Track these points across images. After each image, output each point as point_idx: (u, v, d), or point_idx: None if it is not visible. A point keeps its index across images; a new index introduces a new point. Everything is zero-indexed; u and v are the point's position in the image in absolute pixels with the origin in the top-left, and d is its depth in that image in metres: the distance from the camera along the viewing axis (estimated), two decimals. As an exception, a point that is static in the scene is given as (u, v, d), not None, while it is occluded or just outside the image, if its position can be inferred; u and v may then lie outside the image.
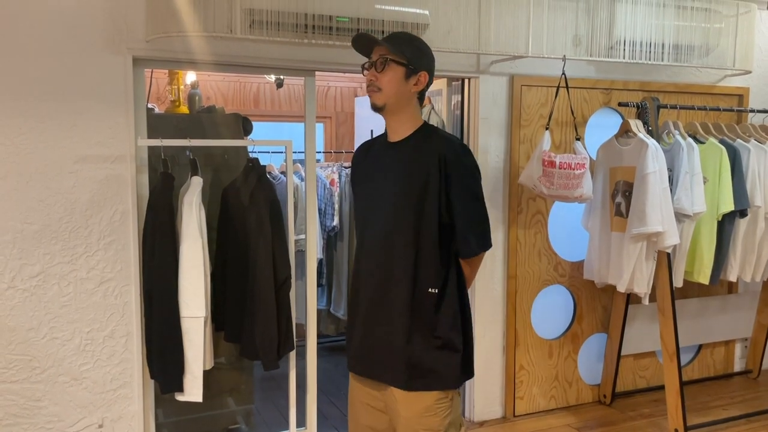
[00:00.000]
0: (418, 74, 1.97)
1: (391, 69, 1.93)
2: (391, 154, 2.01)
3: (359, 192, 2.12)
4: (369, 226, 2.01)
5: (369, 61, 2.00)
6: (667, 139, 3.48)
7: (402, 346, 1.93)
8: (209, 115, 3.31)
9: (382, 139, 2.09)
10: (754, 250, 3.59)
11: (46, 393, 2.71)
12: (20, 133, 2.59)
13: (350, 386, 2.15)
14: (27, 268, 2.64)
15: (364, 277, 2.01)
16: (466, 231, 1.96)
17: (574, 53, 3.50)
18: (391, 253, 1.94)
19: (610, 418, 3.70)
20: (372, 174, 2.05)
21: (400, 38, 2.02)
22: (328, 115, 5.40)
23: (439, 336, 1.94)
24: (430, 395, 1.94)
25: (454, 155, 1.94)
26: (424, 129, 2.02)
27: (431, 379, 1.94)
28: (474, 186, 1.98)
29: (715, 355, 4.27)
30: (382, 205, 1.97)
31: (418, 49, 1.99)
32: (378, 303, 1.97)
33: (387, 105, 1.96)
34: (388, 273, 1.94)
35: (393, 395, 1.98)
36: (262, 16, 2.67)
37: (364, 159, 2.12)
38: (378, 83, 1.94)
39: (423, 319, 1.93)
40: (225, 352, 3.23)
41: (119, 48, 2.69)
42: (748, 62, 3.86)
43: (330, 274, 4.79)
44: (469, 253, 1.99)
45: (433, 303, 1.94)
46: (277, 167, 4.29)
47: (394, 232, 1.94)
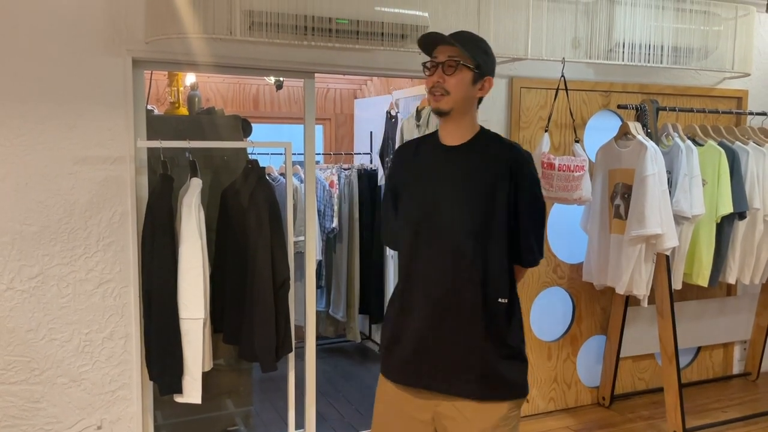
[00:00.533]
0: (484, 79, 1.90)
1: (460, 72, 1.85)
2: (450, 159, 1.93)
3: (408, 197, 1.99)
4: (426, 232, 1.91)
5: (433, 61, 1.90)
6: (666, 141, 3.49)
7: (475, 357, 1.87)
8: (209, 116, 3.32)
9: (433, 141, 1.99)
10: (753, 253, 3.60)
11: (45, 394, 2.71)
12: (19, 134, 2.59)
13: (387, 397, 2.02)
14: (26, 269, 2.64)
15: (421, 285, 1.91)
16: (531, 239, 1.92)
17: (574, 55, 3.51)
18: (457, 261, 1.86)
19: (609, 420, 3.70)
20: (424, 178, 1.95)
21: (469, 39, 1.90)
22: (327, 116, 5.40)
23: (511, 345, 1.90)
24: (504, 405, 1.89)
25: (524, 162, 1.89)
26: (485, 134, 1.95)
27: (505, 389, 1.89)
28: (540, 194, 1.95)
29: (714, 357, 4.27)
30: (445, 211, 1.89)
31: (486, 52, 1.91)
32: (442, 313, 1.88)
33: (453, 110, 1.87)
34: (455, 282, 1.86)
35: (458, 408, 1.89)
36: (262, 17, 2.67)
37: (412, 160, 2.01)
38: (446, 86, 1.85)
39: (495, 330, 1.87)
40: (224, 354, 3.23)
41: (119, 49, 2.69)
42: (746, 65, 3.87)
43: (329, 276, 4.79)
44: (533, 262, 1.95)
45: (503, 313, 1.88)
46: (277, 169, 4.29)
47: (464, 240, 1.86)
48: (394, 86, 4.68)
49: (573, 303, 3.81)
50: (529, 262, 1.95)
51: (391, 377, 1.99)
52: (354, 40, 2.86)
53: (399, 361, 1.96)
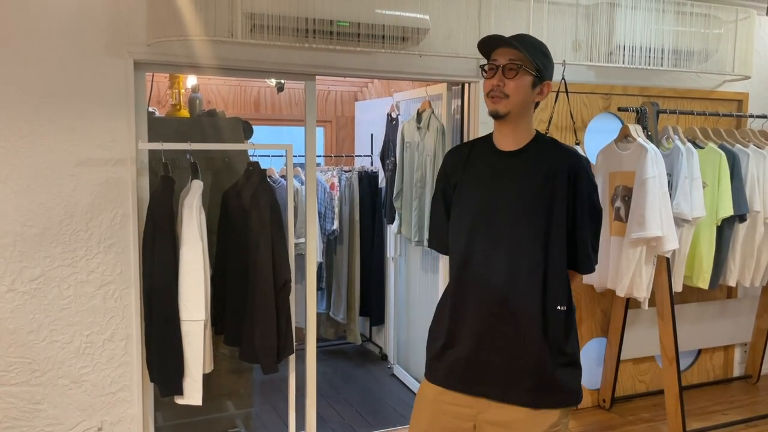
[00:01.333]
0: (543, 83, 1.88)
1: (521, 76, 1.82)
2: (506, 164, 1.91)
3: (462, 200, 1.96)
4: (483, 238, 1.88)
5: (493, 63, 1.86)
6: (666, 144, 3.49)
7: (532, 365, 1.84)
8: (210, 118, 3.32)
9: (486, 145, 1.97)
10: (753, 255, 3.60)
11: (46, 396, 2.71)
12: (21, 136, 2.59)
13: (430, 398, 1.98)
14: (27, 270, 2.64)
15: (477, 290, 1.88)
16: (588, 246, 1.90)
17: (574, 58, 3.51)
18: (514, 269, 1.84)
19: (609, 422, 3.70)
20: (480, 182, 1.93)
21: (530, 43, 1.88)
22: (328, 119, 5.41)
23: (568, 353, 1.88)
24: (556, 412, 1.86)
25: (582, 169, 1.88)
26: (541, 139, 1.93)
27: (558, 396, 1.87)
28: (597, 200, 1.93)
29: (715, 359, 4.27)
30: (503, 216, 1.87)
31: (546, 56, 1.89)
32: (499, 319, 1.85)
33: (511, 113, 1.85)
34: (513, 288, 1.84)
35: (507, 414, 1.86)
36: (263, 20, 2.67)
37: (465, 164, 1.98)
38: (505, 89, 1.82)
39: (553, 337, 1.85)
40: (225, 356, 3.23)
41: (120, 52, 2.70)
42: (747, 67, 3.87)
43: (330, 278, 4.79)
44: (590, 269, 1.92)
45: (562, 320, 1.87)
46: (278, 171, 4.29)
47: (521, 246, 1.84)
48: (394, 88, 4.69)
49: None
50: (585, 268, 1.93)
51: (440, 381, 1.96)
52: (355, 42, 2.87)
53: (451, 364, 1.93)
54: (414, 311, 4.29)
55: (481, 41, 1.89)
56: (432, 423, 1.96)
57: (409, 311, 4.37)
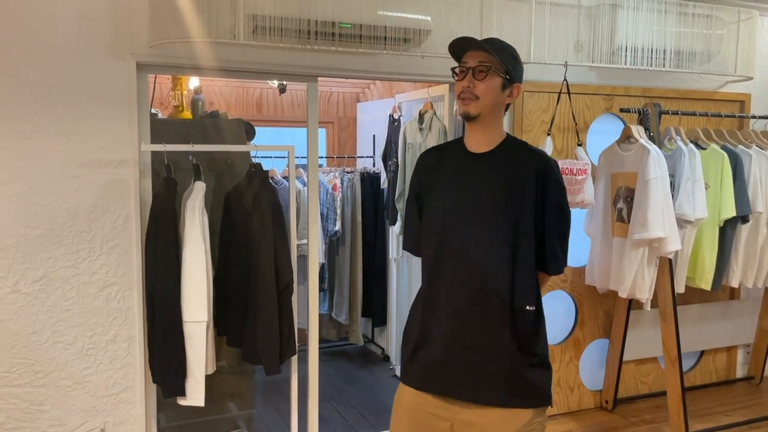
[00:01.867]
0: (513, 86, 1.91)
1: (491, 78, 1.85)
2: (477, 166, 1.93)
3: (434, 202, 1.98)
4: (453, 239, 1.90)
5: (463, 65, 1.89)
6: (668, 144, 3.49)
7: (502, 365, 1.86)
8: (212, 120, 3.33)
9: (458, 148, 1.99)
10: (756, 256, 3.60)
11: (49, 397, 2.72)
12: (24, 137, 2.60)
13: (405, 405, 2.00)
14: (30, 272, 2.65)
15: (447, 291, 1.90)
16: (557, 248, 1.92)
17: (576, 59, 3.51)
18: (485, 268, 1.86)
19: (612, 424, 3.69)
20: (451, 184, 1.95)
21: (499, 46, 1.90)
22: (330, 120, 5.42)
23: (537, 353, 1.90)
24: (528, 412, 1.89)
25: (550, 171, 1.90)
26: (511, 141, 1.95)
27: (530, 396, 1.89)
28: (566, 203, 1.95)
29: (717, 361, 4.27)
30: (472, 218, 1.89)
31: (515, 59, 1.92)
32: (469, 321, 1.87)
33: (481, 115, 1.88)
34: (483, 289, 1.86)
35: (481, 415, 1.88)
36: (266, 21, 2.68)
37: (436, 167, 2.00)
38: (476, 91, 1.85)
39: (523, 338, 1.87)
40: (227, 357, 3.24)
41: (123, 53, 2.70)
42: (749, 68, 3.87)
43: (332, 279, 4.79)
44: (558, 270, 1.94)
45: (531, 321, 1.89)
46: (280, 172, 4.30)
47: (490, 249, 1.86)
48: (396, 90, 4.69)
49: (576, 306, 3.81)
50: (554, 269, 1.94)
51: (413, 384, 1.97)
52: (357, 44, 2.87)
53: (423, 367, 1.95)
54: (416, 312, 4.28)
55: (451, 44, 1.91)
56: (410, 426, 1.98)
57: (411, 312, 4.36)
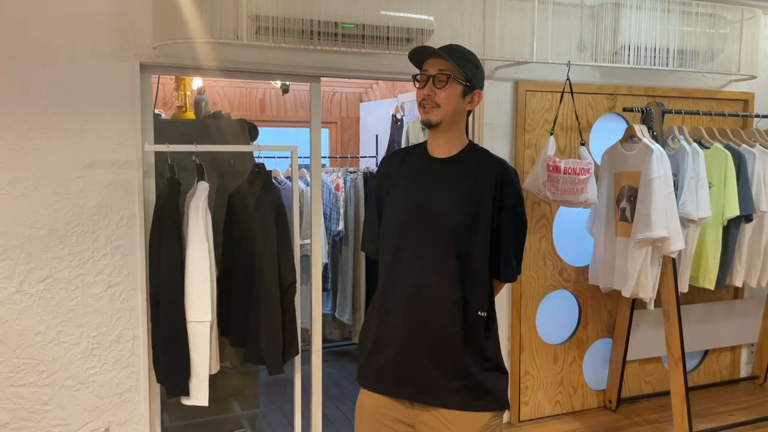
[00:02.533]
0: (473, 92, 1.92)
1: (451, 86, 1.86)
2: (437, 171, 1.94)
3: (392, 204, 1.98)
4: (409, 242, 1.91)
5: (424, 73, 1.90)
6: (672, 144, 3.48)
7: (456, 368, 1.87)
8: (215, 120, 3.34)
9: (420, 152, 2.00)
10: (760, 255, 3.59)
11: (53, 397, 2.73)
12: (28, 138, 2.61)
13: (369, 407, 2.00)
14: (35, 272, 2.66)
15: (401, 295, 1.91)
16: (511, 255, 1.93)
17: (579, 59, 3.51)
18: (439, 273, 1.87)
19: (615, 423, 3.69)
20: (411, 187, 1.96)
21: (459, 53, 1.91)
22: (333, 120, 5.42)
23: (490, 358, 1.92)
24: (485, 415, 1.90)
25: (509, 179, 1.91)
26: (472, 148, 1.97)
27: (486, 399, 1.90)
28: (523, 211, 1.95)
29: (721, 360, 4.26)
30: (429, 222, 1.89)
31: (476, 66, 1.92)
32: (422, 324, 1.88)
33: (442, 122, 1.89)
34: (435, 293, 1.87)
35: (440, 417, 1.89)
36: (268, 22, 2.69)
37: (398, 169, 2.01)
38: (436, 99, 1.87)
39: (474, 342, 1.89)
40: (230, 357, 3.24)
41: (126, 54, 2.71)
42: (753, 67, 3.86)
43: (335, 279, 4.79)
44: (511, 278, 1.96)
45: (482, 326, 1.90)
46: (283, 172, 4.30)
47: (444, 253, 1.87)
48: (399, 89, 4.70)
49: (579, 306, 3.81)
50: (507, 277, 1.96)
51: (370, 385, 1.99)
52: (360, 44, 2.88)
53: (378, 369, 1.96)
54: (419, 312, 4.29)
55: (410, 52, 1.92)
56: (374, 430, 1.99)
57: (414, 312, 4.37)
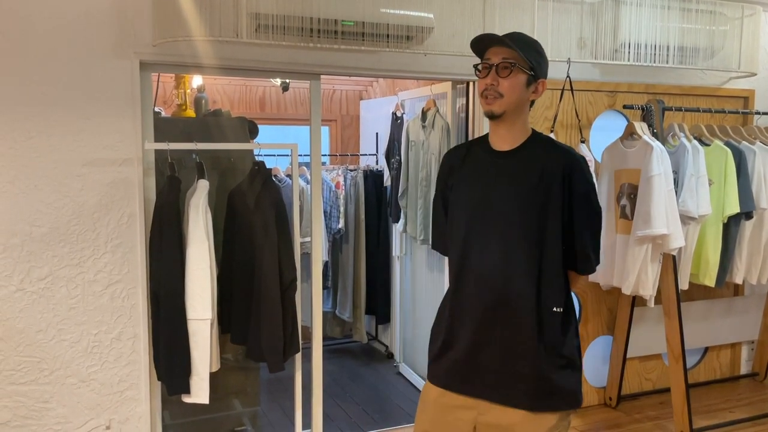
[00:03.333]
0: (538, 82, 1.86)
1: (515, 75, 1.81)
2: (502, 164, 1.88)
3: (458, 201, 1.95)
4: (478, 237, 1.87)
5: (486, 62, 1.84)
6: (672, 141, 3.48)
7: (529, 367, 1.83)
8: (215, 118, 3.33)
9: (483, 146, 1.95)
10: (760, 252, 3.59)
11: (54, 395, 2.73)
12: (28, 137, 2.61)
13: (434, 396, 1.97)
14: (35, 270, 2.66)
15: (472, 292, 1.87)
16: (587, 247, 1.86)
17: (579, 56, 3.50)
18: (512, 268, 1.82)
19: (615, 420, 3.69)
20: (476, 183, 1.91)
21: (524, 41, 1.85)
22: (333, 118, 5.42)
23: (565, 356, 1.86)
24: (554, 416, 1.86)
25: (579, 168, 1.84)
26: (537, 138, 1.91)
27: (556, 399, 1.85)
28: (596, 200, 1.89)
29: (722, 357, 4.26)
30: (498, 217, 1.85)
31: (540, 54, 1.87)
32: (495, 320, 1.84)
33: (506, 113, 1.83)
34: (508, 289, 1.82)
35: (506, 417, 1.86)
36: (268, 20, 2.68)
37: (461, 165, 1.97)
38: (500, 89, 1.81)
39: (549, 339, 1.83)
40: (231, 354, 3.25)
41: (126, 52, 2.71)
42: (753, 64, 3.86)
43: (335, 277, 4.80)
44: (589, 270, 1.90)
45: (558, 323, 1.84)
46: (283, 170, 4.31)
47: (516, 248, 1.82)
48: (399, 87, 4.69)
49: (579, 303, 3.81)
50: (584, 269, 1.90)
51: (440, 383, 1.95)
52: (359, 41, 2.88)
53: (448, 367, 1.93)
54: (420, 310, 4.30)
55: (473, 40, 1.87)
56: (434, 423, 1.97)
57: (414, 310, 4.38)
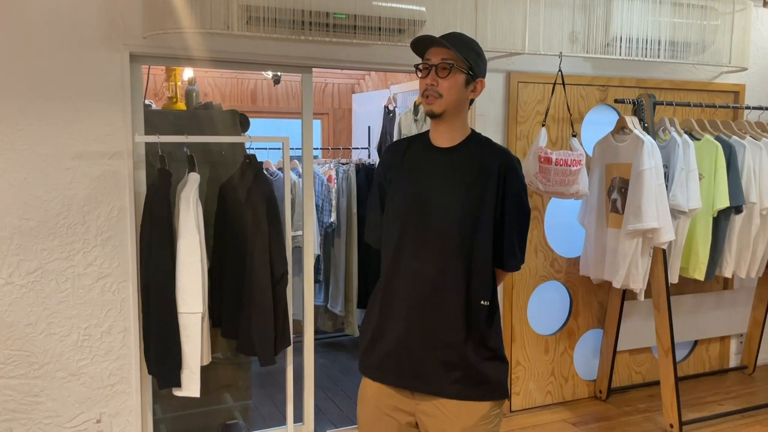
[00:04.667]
0: (476, 81, 1.90)
1: (454, 75, 1.85)
2: (439, 160, 1.93)
3: (395, 194, 1.98)
4: (412, 231, 1.90)
5: (426, 63, 1.89)
6: (663, 135, 3.50)
7: (457, 358, 1.87)
8: (206, 111, 3.32)
9: (423, 141, 1.99)
10: (749, 246, 3.61)
11: (44, 389, 2.72)
12: (17, 129, 2.59)
13: (370, 395, 2.00)
14: (25, 264, 2.65)
15: (404, 284, 1.90)
16: (514, 245, 1.92)
17: (571, 50, 3.51)
18: (442, 262, 1.87)
19: (605, 413, 3.72)
20: (414, 177, 1.95)
21: (462, 42, 1.89)
22: (325, 111, 5.41)
23: (491, 347, 1.91)
24: (485, 405, 1.89)
25: (512, 168, 1.89)
26: (475, 137, 1.95)
27: (486, 389, 1.90)
28: (526, 200, 1.95)
29: (711, 350, 4.29)
30: (432, 211, 1.89)
31: (478, 54, 1.91)
32: (425, 313, 1.88)
33: (446, 112, 1.88)
34: (438, 283, 1.87)
35: (439, 407, 1.90)
36: (259, 12, 2.67)
37: (401, 159, 2.00)
38: (439, 89, 1.85)
39: (476, 331, 1.88)
40: (222, 348, 3.24)
41: (116, 44, 2.69)
42: (743, 59, 3.87)
43: (327, 271, 4.80)
44: (515, 267, 1.95)
45: (485, 315, 1.89)
46: (275, 164, 4.29)
47: (448, 242, 1.87)
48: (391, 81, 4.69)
49: (570, 297, 3.83)
50: (511, 266, 1.96)
51: (371, 375, 1.99)
52: (351, 34, 2.87)
53: (379, 359, 1.96)
54: (411, 303, 4.30)
55: (413, 41, 1.91)
56: (375, 419, 1.99)
57: (406, 303, 4.38)
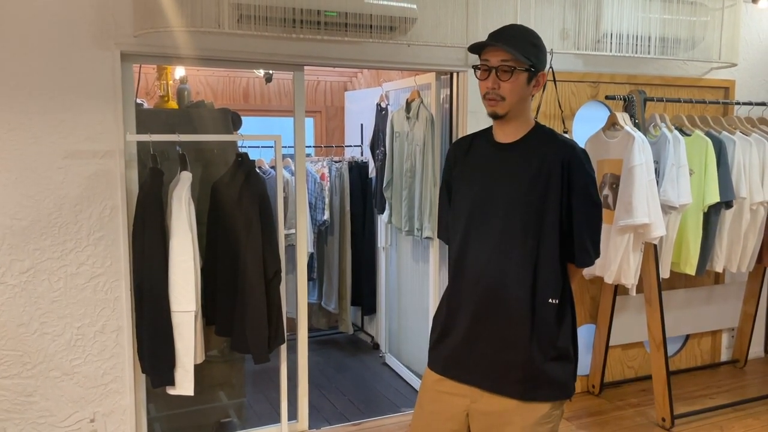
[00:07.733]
0: (538, 75, 1.86)
1: (516, 77, 1.80)
2: (503, 156, 1.90)
3: (460, 192, 1.98)
4: (477, 229, 1.89)
5: (485, 64, 1.83)
6: (653, 131, 3.51)
7: (521, 358, 1.84)
8: (198, 110, 3.32)
9: (486, 137, 1.97)
10: (740, 241, 3.64)
11: (38, 388, 2.72)
12: (9, 128, 2.58)
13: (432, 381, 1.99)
14: (17, 263, 2.64)
15: (469, 281, 1.89)
16: (585, 240, 1.87)
17: (562, 47, 3.52)
18: (508, 259, 1.84)
19: (598, 407, 3.74)
20: (477, 174, 1.94)
21: (520, 37, 1.84)
22: (317, 109, 5.40)
23: (559, 347, 1.87)
24: (545, 405, 1.87)
25: (577, 160, 1.85)
26: (539, 130, 1.91)
27: (548, 389, 1.87)
28: (595, 193, 1.89)
29: (702, 345, 4.32)
30: (496, 208, 1.87)
31: (537, 47, 1.86)
32: (490, 311, 1.86)
33: (509, 113, 1.85)
34: (504, 280, 1.84)
35: (498, 404, 1.88)
36: (250, 10, 2.67)
37: (465, 156, 1.99)
38: (501, 92, 1.81)
39: (544, 330, 1.85)
40: (216, 346, 3.25)
41: (107, 43, 2.69)
42: (733, 55, 3.89)
43: (321, 269, 4.80)
44: (586, 262, 1.90)
45: (554, 314, 1.86)
46: (267, 162, 4.29)
47: (513, 238, 1.84)
48: (384, 78, 4.69)
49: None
50: (582, 262, 1.91)
51: (437, 369, 1.99)
52: (343, 32, 2.87)
53: (445, 355, 1.96)
54: (405, 300, 4.31)
55: (470, 48, 1.88)
56: (430, 408, 2.01)
57: (400, 300, 4.39)
